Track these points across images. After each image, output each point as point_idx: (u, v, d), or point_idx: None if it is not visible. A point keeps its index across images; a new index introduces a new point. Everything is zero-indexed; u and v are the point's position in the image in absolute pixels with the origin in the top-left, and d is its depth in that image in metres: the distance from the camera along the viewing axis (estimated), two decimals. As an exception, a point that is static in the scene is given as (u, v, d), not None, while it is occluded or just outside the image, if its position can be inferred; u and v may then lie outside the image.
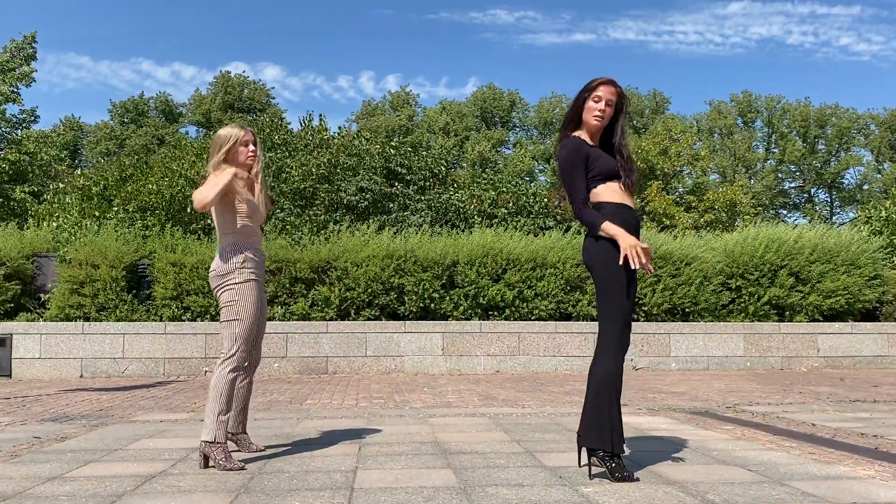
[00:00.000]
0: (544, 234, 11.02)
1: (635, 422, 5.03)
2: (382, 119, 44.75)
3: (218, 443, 3.46)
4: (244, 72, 50.54)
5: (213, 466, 3.45)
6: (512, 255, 10.14)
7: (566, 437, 4.38)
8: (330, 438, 4.36)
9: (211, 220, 12.42)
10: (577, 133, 3.35)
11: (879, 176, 47.79)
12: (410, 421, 5.13)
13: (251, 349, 3.66)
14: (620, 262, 3.11)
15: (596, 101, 3.28)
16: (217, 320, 9.69)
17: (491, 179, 13.20)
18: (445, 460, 3.63)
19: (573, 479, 3.17)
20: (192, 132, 45.25)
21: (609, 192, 3.26)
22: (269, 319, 9.74)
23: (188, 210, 11.27)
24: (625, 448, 3.17)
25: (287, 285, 9.90)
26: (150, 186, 11.56)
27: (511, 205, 12.22)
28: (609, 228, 3.14)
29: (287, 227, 11.27)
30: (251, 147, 3.73)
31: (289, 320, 9.81)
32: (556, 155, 3.36)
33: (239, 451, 3.86)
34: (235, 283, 3.57)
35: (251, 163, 3.74)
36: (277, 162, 12.23)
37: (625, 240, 3.11)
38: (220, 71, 50.16)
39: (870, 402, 6.25)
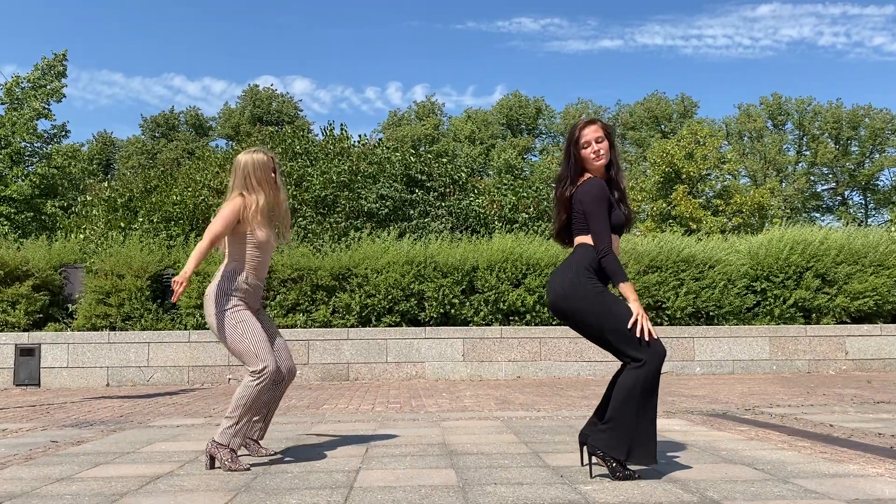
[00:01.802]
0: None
1: (649, 424, 4.98)
2: (408, 129, 45.01)
3: (228, 447, 3.49)
4: (272, 85, 51.25)
5: (220, 467, 3.49)
6: (532, 260, 10.11)
7: (576, 438, 4.34)
8: (339, 441, 4.38)
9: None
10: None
11: (915, 177, 46.75)
12: (423, 424, 5.14)
13: (272, 356, 3.57)
14: (629, 326, 3.04)
15: (586, 147, 3.27)
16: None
17: (511, 185, 13.20)
18: (450, 461, 3.63)
19: (574, 478, 3.15)
20: (221, 145, 45.89)
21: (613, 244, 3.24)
22: (291, 327, 9.83)
23: (211, 220, 11.45)
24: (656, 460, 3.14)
25: (308, 293, 9.97)
26: (174, 197, 11.75)
27: (532, 209, 12.20)
28: (628, 291, 3.11)
29: (308, 234, 11.37)
30: (271, 174, 3.76)
31: (310, 327, 9.88)
32: (579, 193, 3.24)
33: (250, 455, 3.87)
34: (226, 310, 3.56)
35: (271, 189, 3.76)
36: (299, 171, 12.36)
37: (638, 305, 3.08)
38: (249, 84, 50.85)
39: (895, 403, 6.12)
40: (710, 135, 25.54)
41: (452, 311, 9.91)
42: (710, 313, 10.34)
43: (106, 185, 14.06)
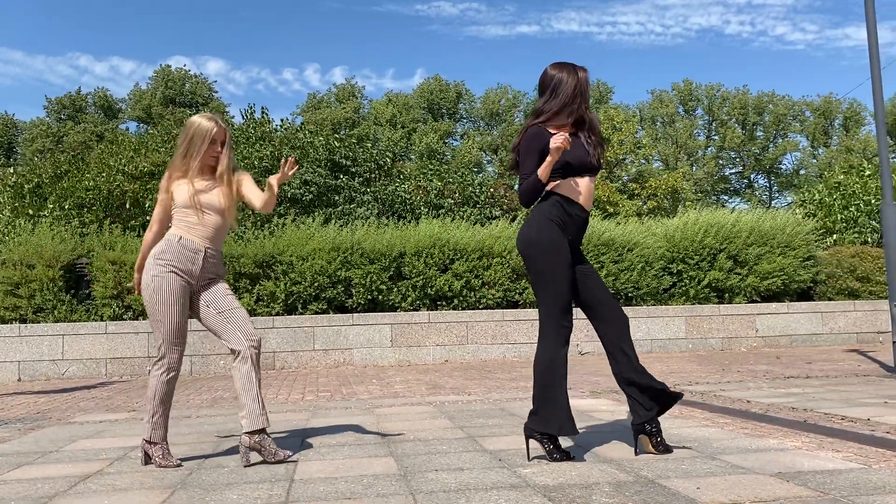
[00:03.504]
0: (490, 224, 11.10)
1: (578, 404, 5.12)
2: (328, 112, 44.42)
3: (154, 442, 3.42)
4: (185, 66, 49.52)
5: (152, 463, 3.41)
6: (459, 246, 10.18)
7: (509, 421, 4.43)
8: (272, 433, 4.33)
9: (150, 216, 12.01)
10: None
11: (815, 161, 49.29)
12: (356, 412, 5.13)
13: (176, 347, 3.45)
14: (552, 146, 3.11)
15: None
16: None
17: (437, 170, 13.22)
18: (388, 449, 3.64)
19: (512, 462, 3.21)
20: (132, 128, 44.20)
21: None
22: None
23: (127, 206, 11.02)
24: (578, 430, 3.23)
25: (231, 281, 9.77)
26: (87, 183, 11.26)
27: (457, 195, 12.26)
28: (544, 167, 3.15)
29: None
30: (218, 147, 3.56)
31: (234, 316, 9.68)
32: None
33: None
34: (150, 277, 3.41)
35: (212, 162, 3.55)
36: (218, 156, 12.00)
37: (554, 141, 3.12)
38: (161, 65, 49.04)
39: (803, 378, 6.47)
40: (625, 120, 26.19)
41: (380, 297, 9.89)
42: (629, 294, 10.67)
43: (11, 170, 13.35)
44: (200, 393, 6.96)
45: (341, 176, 12.35)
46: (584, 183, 3.29)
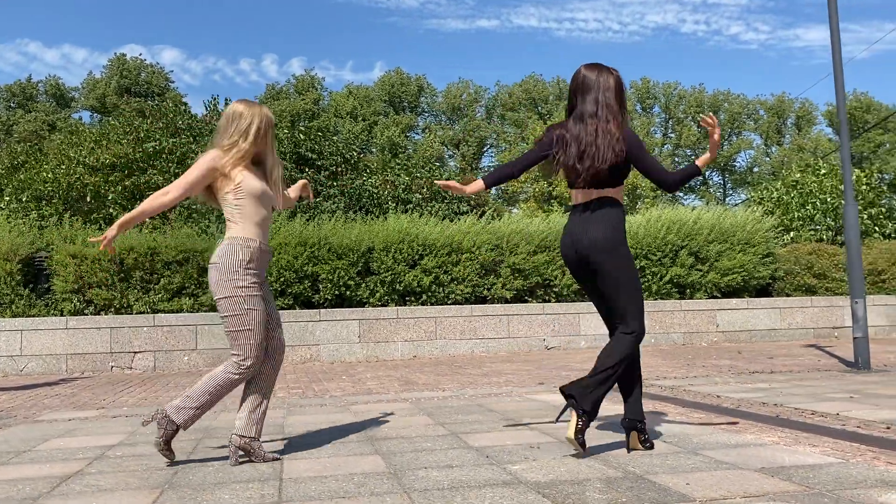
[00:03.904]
0: (459, 220, 11.12)
1: (553, 399, 5.18)
2: (287, 103, 43.92)
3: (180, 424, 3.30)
4: (141, 55, 48.48)
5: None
6: (428, 241, 10.18)
7: (489, 417, 4.46)
8: (252, 430, 4.29)
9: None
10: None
11: (768, 159, 50.44)
12: (332, 410, 5.11)
13: (262, 354, 3.35)
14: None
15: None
16: (124, 313, 9.35)
17: (404, 164, 13.19)
18: (373, 447, 3.64)
19: (500, 459, 3.24)
20: (86, 118, 43.17)
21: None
22: (178, 311, 9.47)
23: (88, 199, 10.77)
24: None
25: (195, 276, 9.62)
26: (45, 175, 10.97)
27: (425, 190, 12.25)
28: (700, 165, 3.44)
29: (194, 215, 10.93)
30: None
31: (198, 311, 9.55)
32: (628, 134, 3.31)
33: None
34: (237, 287, 3.25)
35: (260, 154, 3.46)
36: (182, 148, 11.81)
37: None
38: (115, 53, 47.93)
39: (767, 373, 6.64)
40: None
41: (348, 292, 9.85)
42: (595, 290, 10.79)
43: (-37, 160, 12.96)
44: (168, 390, 6.86)
45: (307, 169, 12.24)
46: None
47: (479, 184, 3.50)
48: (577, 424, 3.10)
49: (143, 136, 11.58)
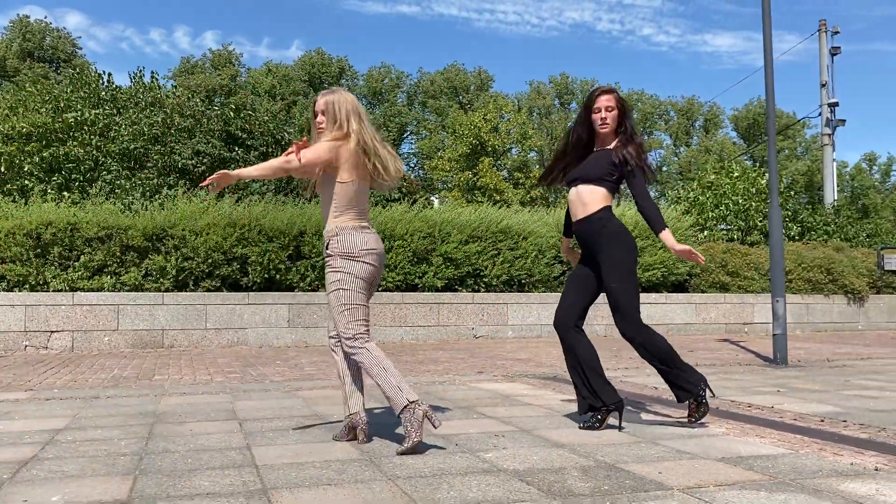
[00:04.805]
0: (391, 207, 11.10)
1: (498, 388, 5.28)
2: (202, 77, 42.53)
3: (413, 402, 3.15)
4: (46, 17, 45.84)
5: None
6: (359, 226, 10.11)
7: (444, 405, 4.52)
8: (202, 415, 4.21)
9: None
10: None
11: (676, 159, 52.39)
12: (277, 395, 5.06)
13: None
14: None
15: (596, 112, 3.71)
16: (40, 290, 8.91)
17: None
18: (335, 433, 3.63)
19: (471, 447, 3.30)
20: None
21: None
22: (98, 290, 9.10)
23: (1, 169, 10.16)
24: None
25: (118, 254, 9.26)
26: (-48, 141, 10.29)
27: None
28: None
29: (116, 190, 10.49)
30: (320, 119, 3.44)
31: (119, 291, 9.20)
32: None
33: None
34: (364, 266, 3.46)
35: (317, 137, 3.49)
36: (105, 119, 11.29)
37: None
38: (18, 14, 45.18)
39: (693, 365, 6.94)
40: (513, 110, 26.81)
41: (278, 276, 9.69)
42: (522, 281, 11.02)
43: None
44: (94, 371, 6.60)
45: (236, 148, 11.92)
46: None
47: None
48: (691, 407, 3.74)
49: (64, 105, 10.98)
